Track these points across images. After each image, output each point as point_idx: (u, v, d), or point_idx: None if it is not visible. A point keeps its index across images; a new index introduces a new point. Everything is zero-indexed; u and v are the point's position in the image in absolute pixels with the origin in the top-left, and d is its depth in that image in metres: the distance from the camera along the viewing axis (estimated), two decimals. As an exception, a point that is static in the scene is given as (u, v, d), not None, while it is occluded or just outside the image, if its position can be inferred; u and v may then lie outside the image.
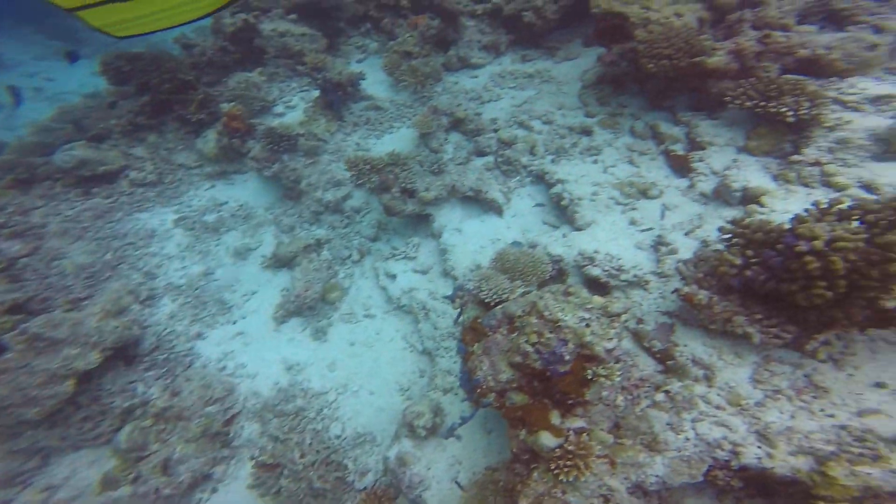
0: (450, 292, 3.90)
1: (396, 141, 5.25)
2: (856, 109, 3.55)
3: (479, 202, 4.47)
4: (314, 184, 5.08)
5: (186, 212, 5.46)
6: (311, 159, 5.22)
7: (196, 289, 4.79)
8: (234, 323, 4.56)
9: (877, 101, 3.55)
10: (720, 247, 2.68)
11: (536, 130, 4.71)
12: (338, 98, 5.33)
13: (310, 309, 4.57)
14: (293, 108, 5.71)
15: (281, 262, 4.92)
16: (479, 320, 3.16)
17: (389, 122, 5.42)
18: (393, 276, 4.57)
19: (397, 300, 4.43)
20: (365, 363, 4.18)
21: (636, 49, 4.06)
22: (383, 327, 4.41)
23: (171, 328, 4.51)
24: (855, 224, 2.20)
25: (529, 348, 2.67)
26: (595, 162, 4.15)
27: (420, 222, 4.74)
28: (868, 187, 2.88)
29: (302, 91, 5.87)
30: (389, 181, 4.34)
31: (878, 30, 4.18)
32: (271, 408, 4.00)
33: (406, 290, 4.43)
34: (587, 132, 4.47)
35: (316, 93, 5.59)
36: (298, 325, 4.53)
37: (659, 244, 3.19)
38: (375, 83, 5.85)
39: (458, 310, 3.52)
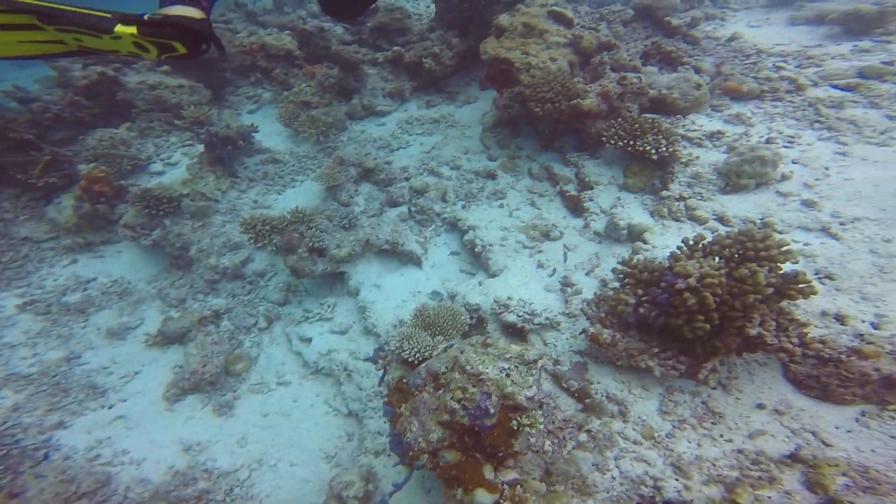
0: (371, 353, 3.78)
1: (300, 196, 5.04)
2: (700, 145, 4.17)
3: (396, 255, 4.43)
4: (206, 249, 4.62)
5: (37, 294, 4.63)
6: (200, 222, 4.76)
7: (54, 376, 4.17)
8: (111, 407, 4.05)
9: (712, 136, 4.20)
10: (617, 285, 2.94)
11: (446, 177, 4.87)
12: (227, 153, 4.97)
13: (210, 384, 4.15)
14: (174, 165, 5.21)
15: (170, 339, 4.41)
16: (405, 380, 3.10)
17: (291, 176, 5.21)
18: (308, 340, 4.32)
19: (315, 364, 4.18)
20: (282, 433, 3.88)
21: (523, 93, 4.39)
22: (301, 394, 4.13)
23: (16, 421, 3.86)
24: (716, 260, 2.56)
25: (456, 405, 2.66)
26: (501, 206, 4.39)
27: (335, 280, 4.56)
28: (721, 220, 3.41)
29: (184, 146, 5.40)
30: (294, 241, 4.11)
31: (697, 70, 5.04)
32: (164, 494, 3.49)
33: (324, 352, 4.20)
34: (492, 176, 4.73)
35: (200, 147, 5.17)
36: (197, 402, 4.11)
37: (565, 285, 3.42)
38: (272, 135, 5.61)
39: (382, 371, 3.41)
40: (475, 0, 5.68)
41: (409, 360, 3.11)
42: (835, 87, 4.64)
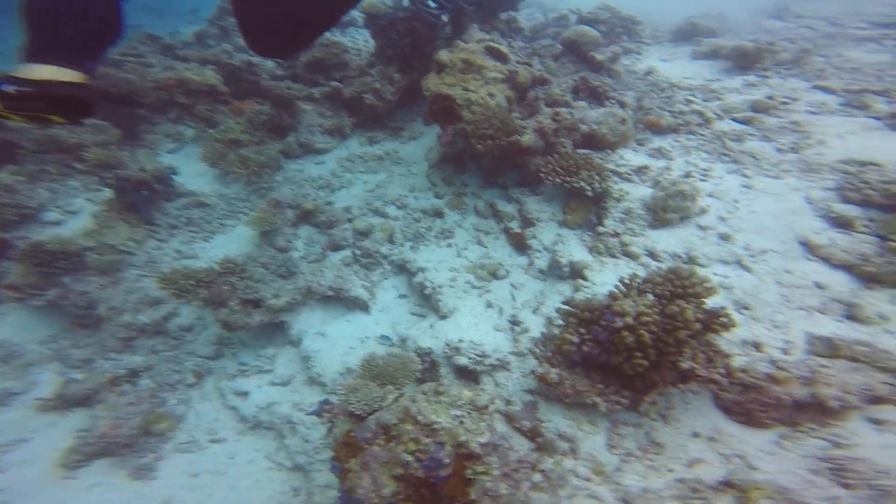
0: (316, 406, 3.65)
1: (230, 242, 4.79)
2: (629, 180, 4.35)
3: (341, 301, 4.31)
4: (119, 307, 4.22)
5: None
6: (109, 278, 4.34)
7: None
8: None
9: (639, 171, 4.41)
10: (562, 323, 3.09)
11: (392, 216, 4.83)
12: (141, 198, 4.61)
13: (125, 447, 3.78)
14: (75, 213, 4.72)
15: (71, 402, 4.00)
16: (353, 434, 3.01)
17: (219, 221, 4.93)
18: (245, 394, 4.08)
19: (254, 418, 3.96)
20: (217, 493, 3.60)
21: (465, 129, 4.46)
22: (238, 450, 3.88)
23: None
24: (650, 298, 2.79)
25: (409, 457, 2.65)
26: (449, 246, 4.44)
27: (274, 330, 4.35)
28: (652, 255, 3.70)
29: (89, 191, 4.93)
30: (224, 294, 3.88)
31: (622, 105, 5.38)
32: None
33: (264, 405, 3.99)
34: (439, 214, 4.77)
35: (108, 193, 4.75)
36: (107, 466, 3.74)
37: (513, 324, 3.53)
38: (196, 176, 5.30)
39: (329, 425, 3.31)
40: (416, 35, 5.81)
41: (357, 412, 3.04)
42: (735, 120, 5.08)
